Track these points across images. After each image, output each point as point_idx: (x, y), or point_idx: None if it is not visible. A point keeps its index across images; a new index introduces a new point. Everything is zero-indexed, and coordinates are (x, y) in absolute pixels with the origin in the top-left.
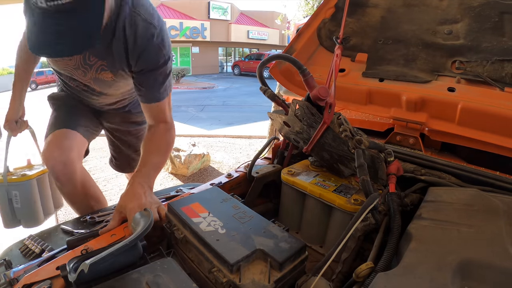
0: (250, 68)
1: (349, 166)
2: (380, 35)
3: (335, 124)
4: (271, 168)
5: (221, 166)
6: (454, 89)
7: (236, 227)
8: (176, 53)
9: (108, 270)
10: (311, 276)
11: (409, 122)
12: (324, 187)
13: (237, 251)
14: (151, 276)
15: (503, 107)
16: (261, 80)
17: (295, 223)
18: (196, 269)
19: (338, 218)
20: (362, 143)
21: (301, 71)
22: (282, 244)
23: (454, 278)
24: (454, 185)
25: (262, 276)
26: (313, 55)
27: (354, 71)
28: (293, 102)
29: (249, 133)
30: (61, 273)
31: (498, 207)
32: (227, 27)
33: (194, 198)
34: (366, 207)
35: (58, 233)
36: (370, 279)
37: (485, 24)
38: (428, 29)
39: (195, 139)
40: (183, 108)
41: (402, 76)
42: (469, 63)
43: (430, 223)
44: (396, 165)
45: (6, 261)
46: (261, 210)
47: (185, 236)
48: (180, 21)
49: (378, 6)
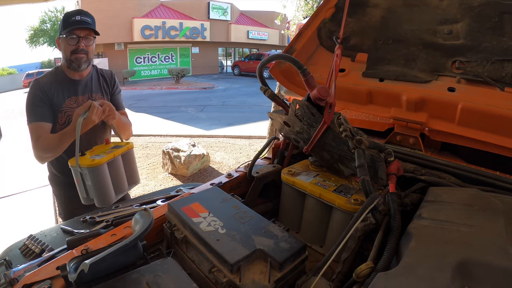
0: (250, 68)
1: (349, 166)
2: (380, 35)
3: (335, 124)
4: (271, 168)
5: (221, 167)
6: (454, 89)
7: (236, 227)
8: (176, 53)
9: (108, 270)
10: (311, 276)
11: (409, 122)
12: (324, 187)
13: (237, 251)
14: (151, 276)
15: (503, 107)
16: (261, 80)
17: (295, 223)
18: (196, 269)
19: (338, 218)
20: (362, 143)
21: (301, 71)
22: (282, 244)
23: (454, 278)
24: (454, 185)
25: (262, 276)
26: (313, 55)
27: (354, 71)
28: (293, 102)
29: (249, 133)
30: (61, 273)
31: (498, 207)
32: (227, 27)
33: (194, 198)
34: (366, 207)
35: (58, 233)
36: (370, 279)
37: (485, 24)
38: (428, 29)
39: (195, 140)
40: (183, 108)
41: (402, 76)
42: (469, 63)
43: (430, 223)
44: (396, 165)
45: (6, 261)
46: (261, 210)
47: (185, 236)
48: (180, 21)
49: (378, 6)
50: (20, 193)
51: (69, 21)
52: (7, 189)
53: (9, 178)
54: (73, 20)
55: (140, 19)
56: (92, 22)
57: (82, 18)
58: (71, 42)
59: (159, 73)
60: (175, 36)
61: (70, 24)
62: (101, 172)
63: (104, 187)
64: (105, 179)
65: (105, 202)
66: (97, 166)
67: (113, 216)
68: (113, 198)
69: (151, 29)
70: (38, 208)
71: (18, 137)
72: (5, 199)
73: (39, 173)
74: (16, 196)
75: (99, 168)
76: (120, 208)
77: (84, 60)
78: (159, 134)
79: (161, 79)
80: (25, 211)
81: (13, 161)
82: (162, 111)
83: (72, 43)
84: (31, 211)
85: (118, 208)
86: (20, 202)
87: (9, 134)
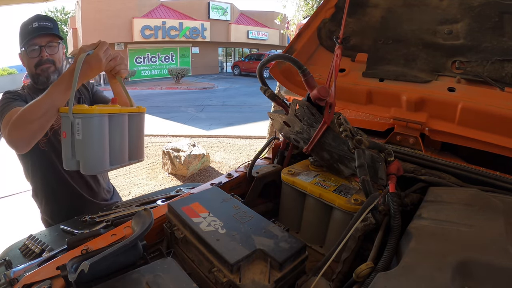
0: (250, 68)
1: (349, 166)
2: (380, 35)
3: (335, 124)
4: (271, 168)
5: (221, 167)
6: (454, 89)
7: (236, 227)
8: (176, 53)
9: (108, 270)
10: (311, 276)
11: (409, 122)
12: (324, 187)
13: (237, 251)
14: (151, 276)
15: (503, 107)
16: (261, 80)
17: (295, 223)
18: (196, 269)
19: (338, 218)
20: (362, 143)
21: (301, 71)
22: (282, 244)
23: (454, 278)
24: (454, 185)
25: (262, 276)
26: (313, 55)
27: (354, 71)
28: (293, 102)
29: (249, 133)
30: (61, 273)
31: (498, 207)
32: (227, 27)
33: (194, 198)
34: (366, 207)
35: (58, 233)
36: (370, 279)
37: (485, 24)
38: (428, 29)
39: (195, 140)
40: (183, 108)
41: (402, 76)
42: (469, 63)
43: (430, 223)
44: (396, 165)
45: (6, 261)
46: (261, 210)
47: (185, 236)
48: (180, 21)
49: (378, 6)
50: (20, 193)
51: (26, 31)
52: (7, 189)
53: (9, 178)
54: (30, 28)
55: (140, 19)
56: (54, 26)
57: (40, 23)
58: (32, 55)
59: (159, 73)
60: (175, 36)
61: (28, 34)
62: (97, 125)
63: (97, 146)
64: (101, 136)
65: (94, 168)
66: (94, 115)
67: (113, 216)
68: (106, 166)
69: (151, 29)
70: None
71: None
72: (5, 199)
73: None
74: (16, 196)
75: (95, 119)
76: (120, 208)
77: (51, 70)
78: (159, 134)
79: (161, 79)
80: (25, 211)
81: (13, 161)
82: (162, 111)
83: (34, 55)
84: (31, 211)
85: (118, 208)
86: (20, 202)
87: None
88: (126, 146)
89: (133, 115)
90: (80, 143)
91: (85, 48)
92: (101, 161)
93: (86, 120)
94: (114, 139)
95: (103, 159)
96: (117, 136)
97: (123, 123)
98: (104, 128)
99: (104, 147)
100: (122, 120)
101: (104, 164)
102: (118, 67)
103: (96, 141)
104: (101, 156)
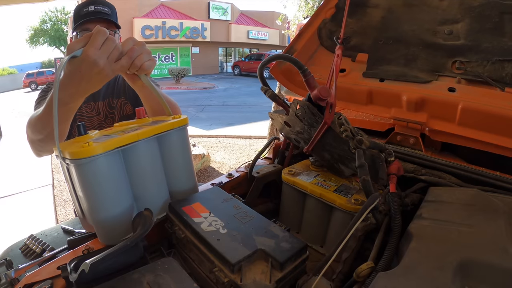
0: (250, 68)
1: (349, 166)
2: (381, 35)
3: (336, 124)
4: (271, 168)
5: (221, 166)
6: (455, 89)
7: (237, 227)
8: (176, 53)
9: (109, 270)
10: (312, 276)
11: (410, 122)
12: (325, 187)
13: (238, 251)
14: (152, 276)
15: (503, 107)
16: (261, 80)
17: (296, 223)
18: (197, 269)
19: (339, 218)
20: (363, 143)
21: (302, 71)
22: (283, 244)
23: (454, 278)
24: (455, 185)
25: (263, 276)
26: (314, 55)
27: (355, 71)
28: (294, 102)
29: (249, 133)
30: (62, 273)
31: (498, 207)
32: (227, 27)
33: (195, 198)
34: (366, 207)
35: (59, 233)
36: (370, 279)
37: (485, 24)
38: (429, 29)
39: (195, 140)
40: (183, 108)
41: (402, 76)
42: (470, 63)
43: (431, 223)
44: (396, 165)
45: (7, 261)
46: (261, 210)
47: (186, 236)
48: (180, 21)
49: (378, 6)
50: (20, 193)
51: (80, 14)
52: (7, 189)
53: (9, 178)
54: (85, 12)
55: (140, 19)
56: (112, 13)
57: (97, 8)
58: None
59: (159, 73)
60: (175, 36)
61: (82, 17)
62: (96, 172)
63: (108, 205)
64: (108, 187)
65: (112, 238)
66: (88, 159)
67: None
68: (126, 231)
69: (151, 29)
70: (38, 208)
71: (18, 137)
72: (5, 199)
73: (39, 173)
74: (16, 196)
75: (91, 163)
76: None
77: None
78: None
79: (161, 79)
80: (25, 211)
81: (13, 161)
82: None
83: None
84: (31, 211)
85: None
86: (20, 202)
87: (9, 134)
88: (164, 185)
89: (170, 133)
90: (83, 202)
91: (73, 47)
92: (120, 225)
93: (79, 165)
94: (138, 181)
95: (122, 223)
96: (141, 174)
97: (147, 156)
98: (112, 173)
99: (119, 204)
100: (144, 150)
101: (127, 230)
102: (138, 61)
103: (99, 195)
104: (118, 220)
